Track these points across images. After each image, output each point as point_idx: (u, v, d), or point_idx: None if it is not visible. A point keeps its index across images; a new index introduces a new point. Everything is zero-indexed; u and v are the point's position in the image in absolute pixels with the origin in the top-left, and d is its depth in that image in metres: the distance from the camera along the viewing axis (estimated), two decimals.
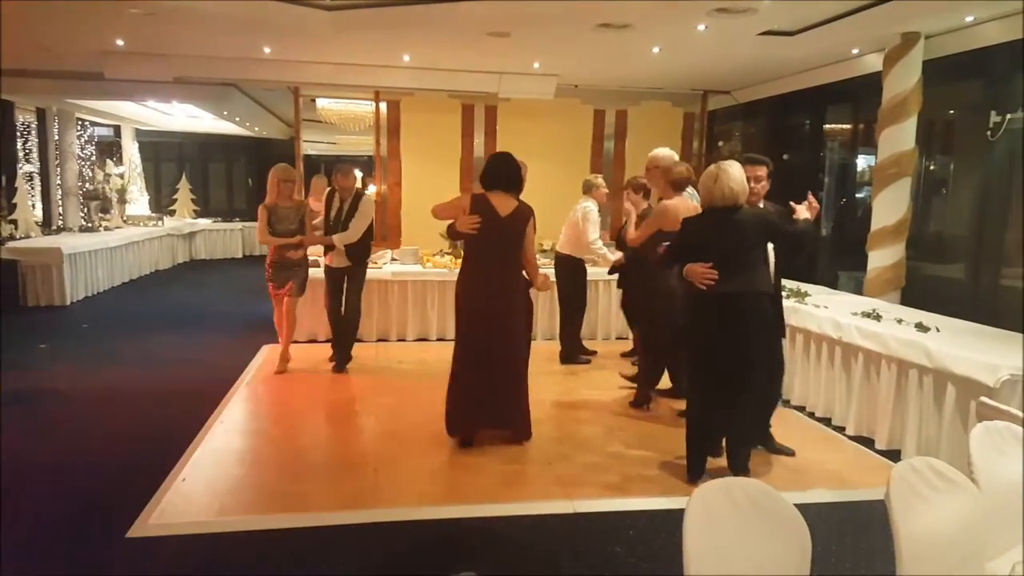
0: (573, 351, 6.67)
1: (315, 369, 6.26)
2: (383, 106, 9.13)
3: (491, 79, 8.32)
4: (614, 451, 4.48)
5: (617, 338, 7.65)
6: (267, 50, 7.52)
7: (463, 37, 6.70)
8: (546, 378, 6.16)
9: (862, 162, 7.65)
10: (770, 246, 4.06)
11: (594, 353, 6.84)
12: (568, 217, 6.56)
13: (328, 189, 6.27)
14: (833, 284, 7.13)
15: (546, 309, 7.42)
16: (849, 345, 4.86)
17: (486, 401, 4.44)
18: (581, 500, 3.77)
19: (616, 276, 6.44)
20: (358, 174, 6.43)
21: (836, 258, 7.76)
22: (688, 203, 4.87)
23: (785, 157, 4.96)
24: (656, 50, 6.95)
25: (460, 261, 7.36)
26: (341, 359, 6.25)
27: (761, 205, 4.23)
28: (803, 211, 4.00)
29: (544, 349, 6.76)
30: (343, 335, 6.26)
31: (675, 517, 3.51)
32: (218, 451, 4.40)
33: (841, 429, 4.92)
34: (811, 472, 4.24)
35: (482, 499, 3.77)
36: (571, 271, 6.55)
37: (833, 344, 5.03)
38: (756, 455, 4.28)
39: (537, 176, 6.56)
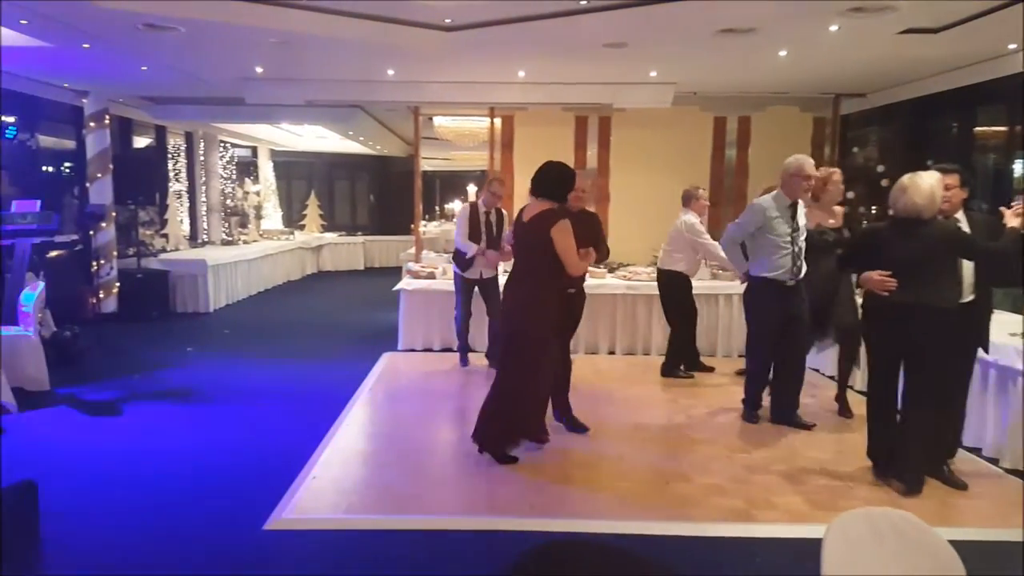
0: (674, 365, 6.49)
1: (435, 376, 6.42)
2: (497, 121, 9.29)
3: (606, 90, 8.26)
4: (736, 474, 4.28)
5: (739, 355, 7.32)
6: (390, 72, 7.83)
7: (578, 50, 6.69)
8: (660, 393, 6.02)
9: (1020, 167, 6.98)
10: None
11: (711, 370, 6.60)
12: (669, 232, 6.39)
13: (469, 203, 6.51)
14: None
15: (645, 322, 7.23)
16: (1006, 368, 4.41)
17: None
18: (702, 523, 3.61)
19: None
20: (472, 188, 6.62)
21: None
22: None
23: (929, 163, 4.61)
24: (783, 53, 6.67)
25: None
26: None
27: (959, 215, 4.02)
28: (1011, 217, 3.76)
29: (654, 363, 6.66)
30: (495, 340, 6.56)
31: (805, 547, 3.33)
32: (345, 451, 4.59)
33: (994, 460, 4.47)
34: (960, 506, 3.87)
35: (596, 515, 3.71)
36: (673, 287, 6.38)
37: (987, 366, 4.58)
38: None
39: (652, 187, 6.47)
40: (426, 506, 3.78)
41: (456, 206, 13.08)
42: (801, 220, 4.95)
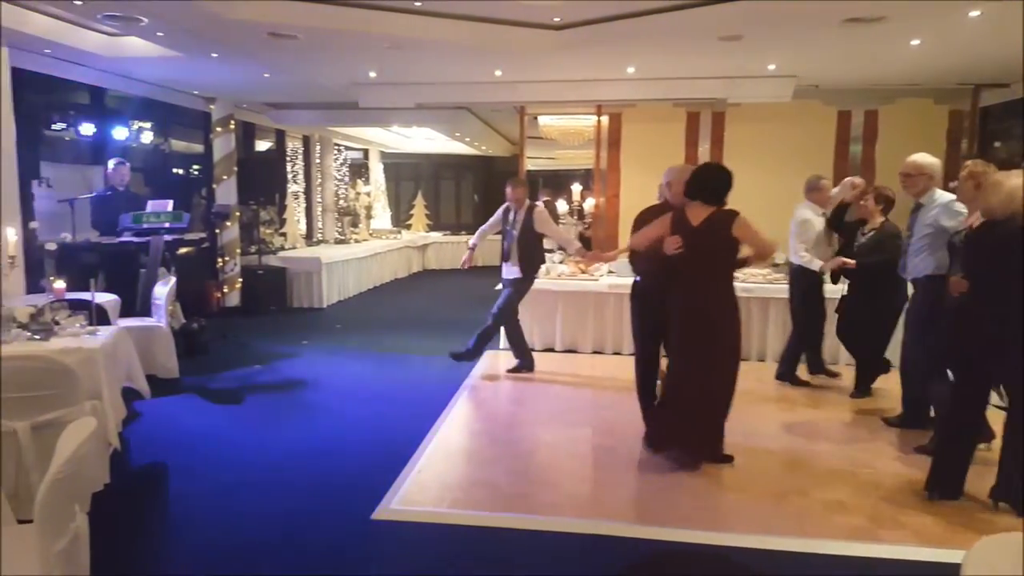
0: (790, 369, 6.17)
1: (537, 375, 6.41)
2: (604, 119, 9.18)
3: (720, 84, 8.00)
4: (859, 489, 4.01)
5: None
6: (498, 72, 7.88)
7: (692, 44, 6.50)
8: (776, 400, 5.74)
9: None
10: None
11: (837, 375, 6.23)
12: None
13: (503, 207, 6.45)
14: None
15: (760, 325, 6.91)
16: None
17: (685, 419, 4.26)
18: (820, 539, 3.41)
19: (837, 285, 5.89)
20: (577, 187, 6.55)
21: None
22: None
23: None
24: (916, 43, 6.22)
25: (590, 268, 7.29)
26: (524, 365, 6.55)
27: None
28: None
29: (770, 369, 6.34)
30: (484, 336, 6.46)
31: (937, 572, 3.07)
32: (449, 447, 4.66)
33: None
34: None
35: (706, 525, 3.57)
36: (801, 282, 6.05)
37: None
38: None
39: (769, 185, 6.20)
40: (531, 506, 3.76)
41: (561, 206, 13.01)
42: (921, 219, 4.66)
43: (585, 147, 10.75)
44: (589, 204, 9.69)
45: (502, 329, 6.61)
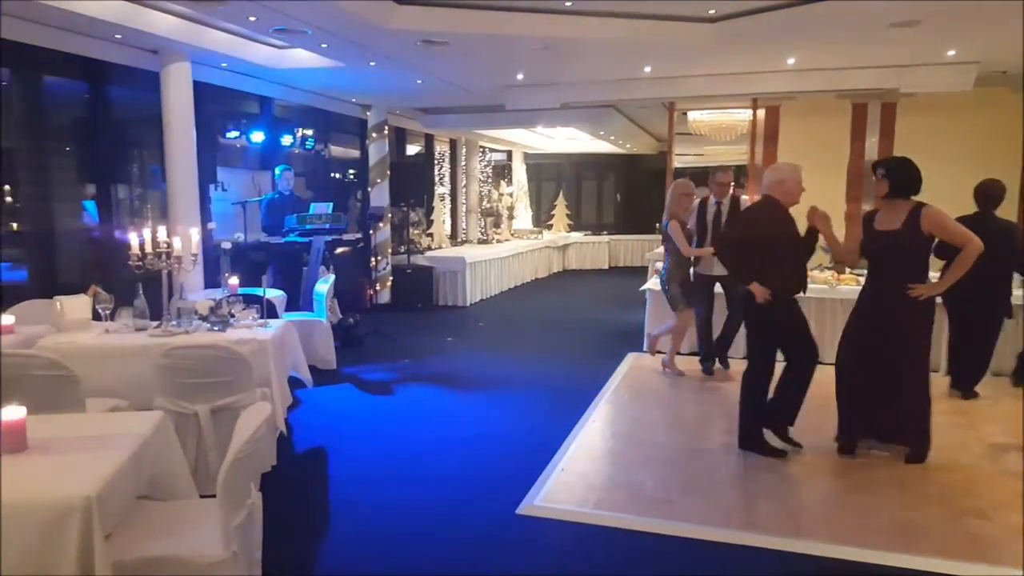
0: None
1: (682, 380, 6.19)
2: (760, 113, 8.75)
3: (890, 74, 7.38)
4: None
5: None
6: (647, 69, 7.71)
7: (860, 32, 6.04)
8: (951, 415, 5.18)
9: None
10: None
11: None
12: None
13: (699, 199, 6.21)
14: None
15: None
16: None
17: (874, 408, 4.17)
18: (1004, 568, 3.06)
19: None
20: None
21: None
22: None
23: None
24: None
25: (842, 276, 6.76)
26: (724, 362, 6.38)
27: None
28: None
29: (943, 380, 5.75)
30: (724, 340, 6.30)
31: None
32: (591, 448, 4.62)
33: None
34: None
35: (872, 545, 3.29)
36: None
37: None
38: None
39: (946, 181, 5.62)
40: (678, 512, 3.64)
41: None
42: None
43: (737, 143, 10.29)
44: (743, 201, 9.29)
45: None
